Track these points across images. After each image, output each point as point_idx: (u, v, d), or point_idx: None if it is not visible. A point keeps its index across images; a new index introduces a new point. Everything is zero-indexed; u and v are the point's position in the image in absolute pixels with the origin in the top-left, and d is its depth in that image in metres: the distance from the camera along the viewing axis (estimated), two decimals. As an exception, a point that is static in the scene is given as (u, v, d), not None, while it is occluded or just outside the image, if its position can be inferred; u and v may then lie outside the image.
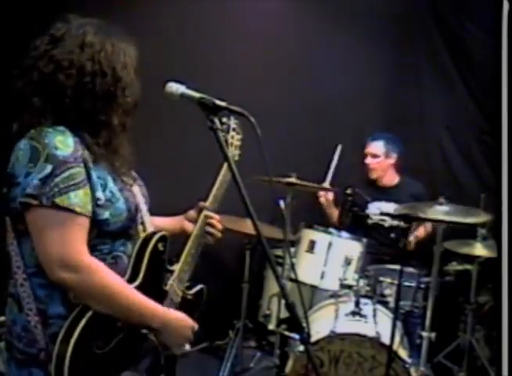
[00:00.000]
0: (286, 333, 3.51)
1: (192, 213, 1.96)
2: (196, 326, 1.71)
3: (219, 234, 1.92)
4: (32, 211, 1.47)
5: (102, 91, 1.56)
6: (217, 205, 1.92)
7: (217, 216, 1.92)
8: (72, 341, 1.46)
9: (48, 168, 1.46)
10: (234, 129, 2.04)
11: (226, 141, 1.99)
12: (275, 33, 4.29)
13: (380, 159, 4.04)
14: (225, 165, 1.90)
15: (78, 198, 1.47)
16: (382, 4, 4.44)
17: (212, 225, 1.90)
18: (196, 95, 1.63)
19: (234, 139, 2.04)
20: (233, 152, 2.04)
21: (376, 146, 4.05)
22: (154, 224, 1.81)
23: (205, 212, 1.90)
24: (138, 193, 1.71)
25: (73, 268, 1.46)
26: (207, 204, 1.91)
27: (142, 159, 1.74)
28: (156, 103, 1.73)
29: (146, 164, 1.80)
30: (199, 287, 1.85)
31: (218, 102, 1.60)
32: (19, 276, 1.54)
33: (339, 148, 4.02)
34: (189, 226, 1.93)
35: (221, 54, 4.13)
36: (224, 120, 1.97)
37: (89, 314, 1.49)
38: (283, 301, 2.19)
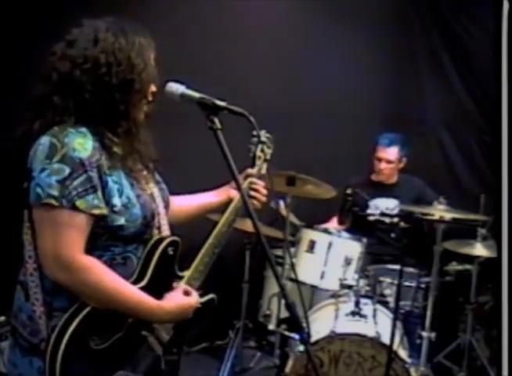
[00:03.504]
0: (286, 333, 3.51)
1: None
2: (197, 301, 1.68)
3: (263, 198, 1.94)
4: (46, 210, 1.48)
5: (119, 80, 1.57)
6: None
7: (261, 182, 1.94)
8: (68, 332, 1.47)
9: (67, 171, 1.48)
10: (264, 143, 2.02)
11: (254, 154, 1.98)
12: (276, 33, 4.29)
13: (393, 165, 4.01)
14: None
15: (97, 200, 1.50)
16: (382, 4, 4.45)
17: (256, 190, 1.92)
18: (196, 95, 1.63)
19: (263, 152, 2.02)
20: (260, 165, 2.01)
21: (393, 153, 3.96)
22: (198, 203, 1.94)
23: (250, 179, 1.92)
24: (158, 197, 1.72)
25: (67, 268, 1.48)
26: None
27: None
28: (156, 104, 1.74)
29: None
30: (210, 296, 1.82)
31: (218, 102, 1.60)
32: (29, 266, 1.57)
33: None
34: (235, 194, 1.91)
35: (221, 54, 4.13)
36: (254, 133, 1.95)
37: (88, 309, 1.51)
38: (283, 301, 2.19)
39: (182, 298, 1.65)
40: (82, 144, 1.51)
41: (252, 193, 1.91)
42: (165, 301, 1.63)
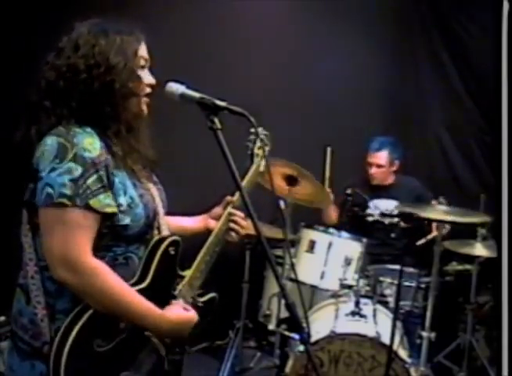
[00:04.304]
0: (286, 333, 3.51)
1: (217, 210, 1.94)
2: (196, 317, 1.67)
3: (242, 232, 1.88)
4: (58, 210, 1.47)
5: (100, 82, 1.56)
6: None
7: (241, 213, 1.88)
8: (71, 335, 1.46)
9: (79, 170, 1.48)
10: (262, 140, 2.01)
11: (252, 151, 1.97)
12: (276, 33, 4.29)
13: (385, 169, 4.02)
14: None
15: (109, 199, 1.51)
16: (382, 4, 4.45)
17: (236, 222, 1.87)
18: (196, 95, 1.63)
19: (261, 149, 2.01)
20: (259, 162, 1.99)
21: (381, 157, 3.98)
22: (176, 223, 1.85)
23: (229, 209, 1.87)
24: (157, 197, 1.72)
25: (74, 268, 1.47)
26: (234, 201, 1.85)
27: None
28: (156, 104, 1.74)
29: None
30: (211, 295, 1.82)
31: (218, 102, 1.60)
32: (30, 268, 1.56)
33: (329, 151, 3.90)
34: (213, 225, 1.89)
35: (221, 54, 4.13)
36: (252, 130, 1.95)
37: (91, 311, 1.50)
38: (283, 301, 2.19)
39: (182, 311, 1.65)
40: (92, 144, 1.52)
41: (231, 224, 1.86)
42: (167, 311, 1.62)
